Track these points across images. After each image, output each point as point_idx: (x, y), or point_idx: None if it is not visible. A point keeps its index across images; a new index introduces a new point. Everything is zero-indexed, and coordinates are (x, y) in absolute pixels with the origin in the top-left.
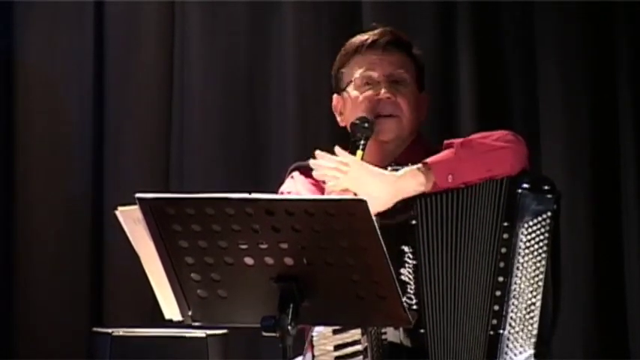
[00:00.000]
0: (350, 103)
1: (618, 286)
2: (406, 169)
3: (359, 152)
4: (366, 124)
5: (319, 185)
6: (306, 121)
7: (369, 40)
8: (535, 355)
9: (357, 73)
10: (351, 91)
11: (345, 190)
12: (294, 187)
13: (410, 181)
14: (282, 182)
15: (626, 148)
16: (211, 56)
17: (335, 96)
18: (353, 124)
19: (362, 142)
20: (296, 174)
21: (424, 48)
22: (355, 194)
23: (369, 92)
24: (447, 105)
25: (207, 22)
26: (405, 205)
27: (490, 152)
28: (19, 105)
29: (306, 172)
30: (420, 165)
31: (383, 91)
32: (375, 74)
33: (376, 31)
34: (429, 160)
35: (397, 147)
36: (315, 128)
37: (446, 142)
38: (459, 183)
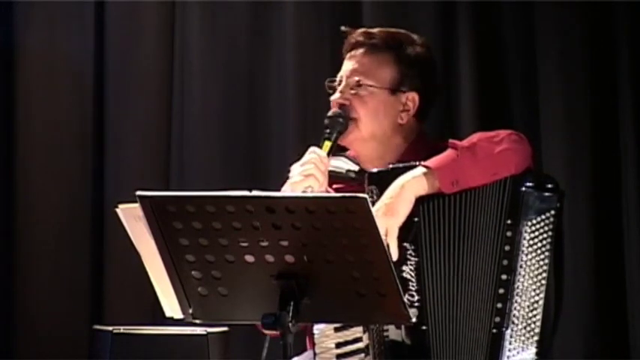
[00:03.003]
0: None
1: (619, 286)
2: (410, 173)
3: (327, 143)
4: (340, 119)
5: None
6: (306, 121)
7: (348, 40)
8: (537, 354)
9: None
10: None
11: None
12: None
13: (414, 187)
14: (284, 181)
15: (627, 147)
16: (211, 56)
17: None
18: (327, 117)
19: (334, 135)
20: None
21: None
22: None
23: (334, 95)
24: (447, 105)
25: (207, 22)
26: None
27: (494, 156)
28: (20, 105)
29: None
30: (424, 169)
31: (337, 95)
32: (338, 77)
33: (359, 31)
34: (433, 164)
35: (371, 149)
36: (315, 128)
37: (450, 141)
38: (464, 188)
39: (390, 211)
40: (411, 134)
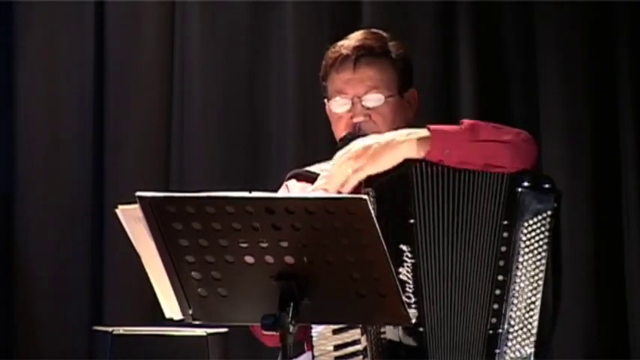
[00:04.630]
0: (331, 118)
1: (619, 286)
2: (407, 131)
3: None
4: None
5: None
6: (305, 121)
7: (342, 56)
8: (534, 354)
9: (334, 92)
10: (331, 106)
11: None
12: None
13: (406, 149)
14: (280, 184)
15: (627, 147)
16: (211, 56)
17: (326, 101)
18: (341, 140)
19: None
20: (291, 182)
21: (424, 48)
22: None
23: (346, 114)
24: (446, 105)
25: (207, 22)
26: (403, 204)
27: (493, 142)
28: (20, 105)
29: (303, 178)
30: (422, 134)
31: (357, 115)
32: (347, 97)
33: (351, 43)
34: (432, 126)
35: None
36: (315, 128)
37: (461, 120)
38: (455, 161)
39: (373, 158)
40: None
